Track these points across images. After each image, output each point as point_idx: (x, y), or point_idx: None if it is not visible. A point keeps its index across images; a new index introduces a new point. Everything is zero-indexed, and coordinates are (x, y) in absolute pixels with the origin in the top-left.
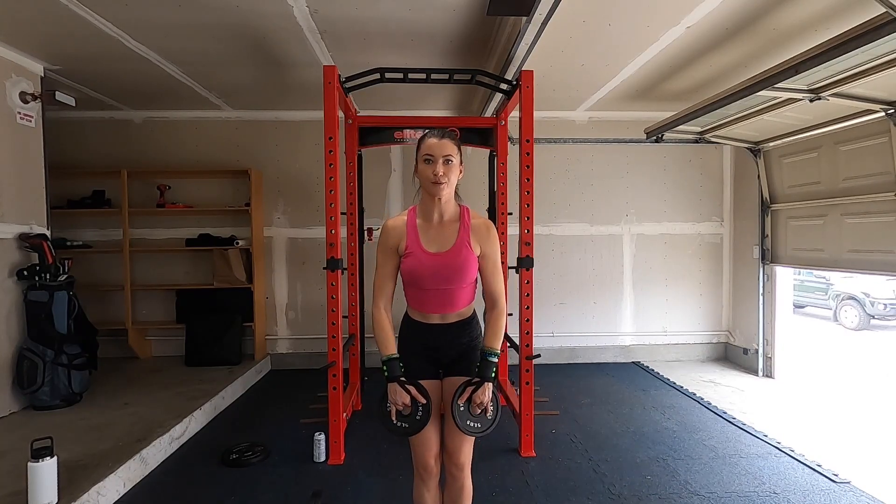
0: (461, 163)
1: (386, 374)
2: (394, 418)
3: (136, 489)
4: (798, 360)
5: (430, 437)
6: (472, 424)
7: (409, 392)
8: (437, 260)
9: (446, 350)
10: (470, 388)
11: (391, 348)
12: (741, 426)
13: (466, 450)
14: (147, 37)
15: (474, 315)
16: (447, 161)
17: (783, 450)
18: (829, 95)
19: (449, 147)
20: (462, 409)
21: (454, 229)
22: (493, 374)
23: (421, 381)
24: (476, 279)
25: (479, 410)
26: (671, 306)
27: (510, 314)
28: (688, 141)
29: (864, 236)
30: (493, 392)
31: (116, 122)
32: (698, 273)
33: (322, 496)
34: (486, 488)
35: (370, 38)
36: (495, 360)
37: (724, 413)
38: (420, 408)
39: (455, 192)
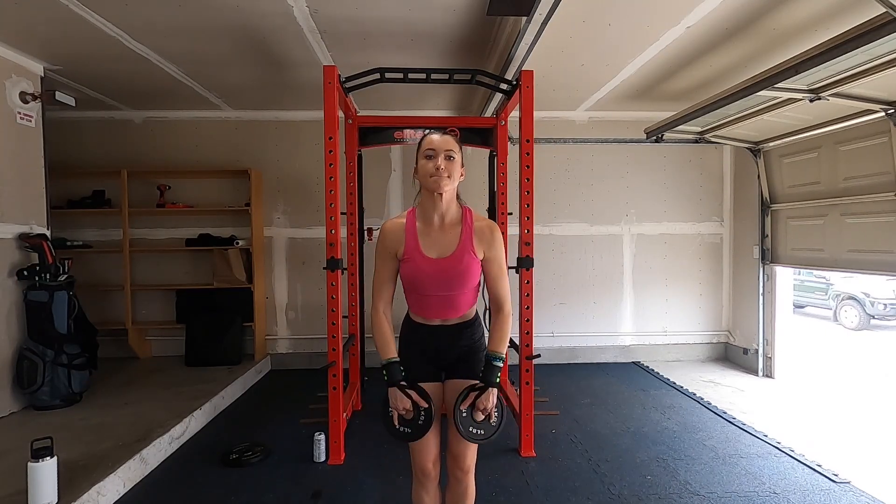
0: (462, 164)
1: (386, 378)
2: (396, 423)
3: (136, 489)
4: (798, 360)
5: (429, 442)
6: (475, 431)
7: (409, 397)
8: (437, 266)
9: (448, 352)
10: (473, 394)
11: (391, 352)
12: (741, 426)
13: (471, 454)
14: (147, 37)
15: (477, 316)
16: (449, 156)
17: (783, 450)
18: (829, 95)
19: (451, 143)
20: (465, 414)
21: (456, 233)
22: (498, 380)
23: (422, 384)
24: (480, 283)
25: (483, 417)
26: (671, 306)
27: None
28: (688, 141)
29: (864, 236)
30: (497, 398)
31: (116, 122)
32: (698, 273)
33: (322, 496)
34: (486, 488)
35: (370, 38)
36: (500, 364)
37: (724, 413)
38: (422, 412)
39: (457, 194)
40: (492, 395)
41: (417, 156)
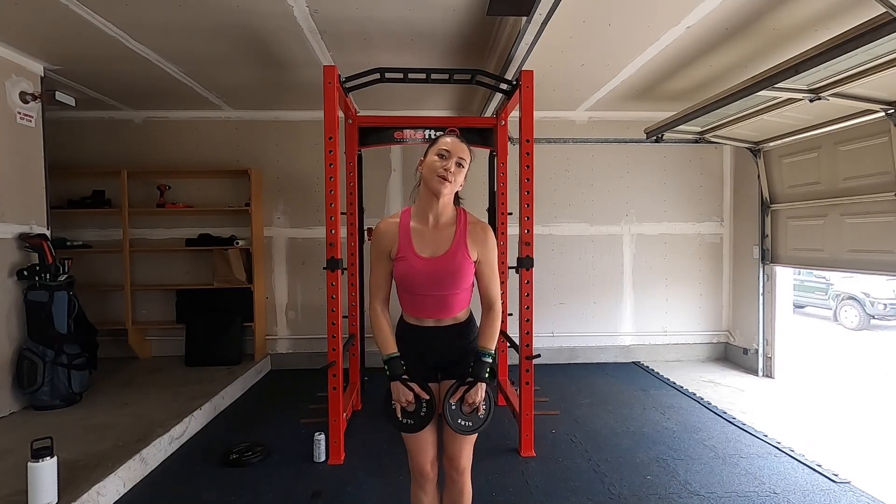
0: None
1: (388, 373)
2: (399, 415)
3: (136, 489)
4: (798, 360)
5: (426, 443)
6: (462, 423)
7: (411, 389)
8: (430, 265)
9: (442, 353)
10: (462, 388)
11: (391, 347)
12: (741, 426)
13: (467, 454)
14: (147, 37)
15: (471, 318)
16: (459, 163)
17: (783, 450)
18: (829, 95)
19: (465, 152)
20: (454, 407)
21: (450, 233)
22: (487, 375)
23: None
24: (473, 284)
25: (471, 410)
26: (671, 306)
27: (510, 314)
28: (688, 141)
29: (864, 236)
30: (486, 392)
31: (116, 122)
32: (698, 273)
33: (322, 496)
34: (486, 488)
35: (370, 38)
36: (489, 360)
37: (724, 413)
38: (424, 404)
39: (456, 195)
40: (480, 390)
41: (429, 150)
